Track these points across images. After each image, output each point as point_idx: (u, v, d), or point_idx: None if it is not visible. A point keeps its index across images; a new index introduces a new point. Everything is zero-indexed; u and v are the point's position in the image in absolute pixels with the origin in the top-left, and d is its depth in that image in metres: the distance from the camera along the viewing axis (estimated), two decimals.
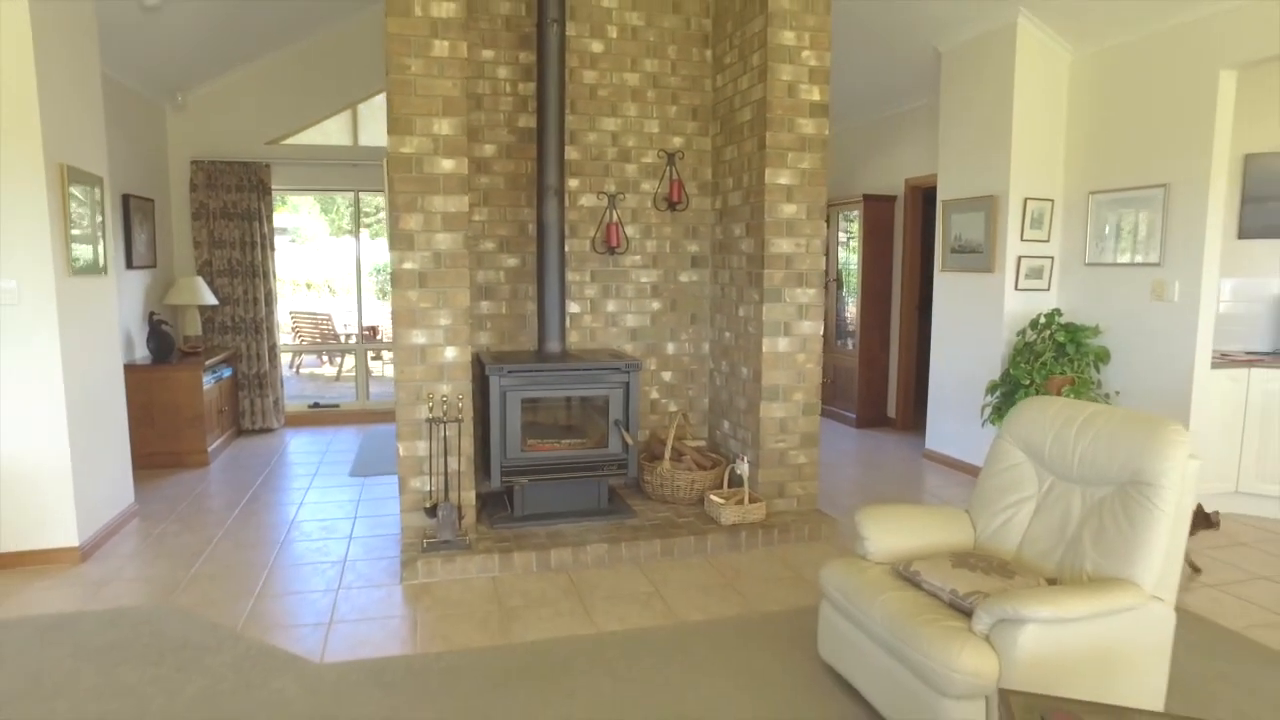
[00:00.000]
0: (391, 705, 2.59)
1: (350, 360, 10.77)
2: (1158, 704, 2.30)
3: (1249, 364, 4.56)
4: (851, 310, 7.23)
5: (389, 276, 3.94)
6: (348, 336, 11.28)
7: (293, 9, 6.06)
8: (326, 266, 16.23)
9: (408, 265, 3.71)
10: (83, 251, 3.99)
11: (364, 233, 14.81)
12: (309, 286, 16.91)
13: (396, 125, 3.67)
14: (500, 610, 3.34)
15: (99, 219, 4.20)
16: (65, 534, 3.81)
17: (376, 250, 13.19)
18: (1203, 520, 3.83)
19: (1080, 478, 2.56)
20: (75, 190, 3.90)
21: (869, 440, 6.69)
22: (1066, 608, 2.11)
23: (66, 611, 3.29)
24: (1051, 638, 2.11)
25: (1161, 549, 2.26)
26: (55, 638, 3.03)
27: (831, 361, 7.51)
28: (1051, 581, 2.42)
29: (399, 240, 3.71)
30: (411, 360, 3.78)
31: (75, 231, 3.90)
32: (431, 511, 3.78)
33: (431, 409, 3.80)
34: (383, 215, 12.02)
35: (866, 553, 2.74)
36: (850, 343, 7.25)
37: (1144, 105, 4.65)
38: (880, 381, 7.20)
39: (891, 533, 2.74)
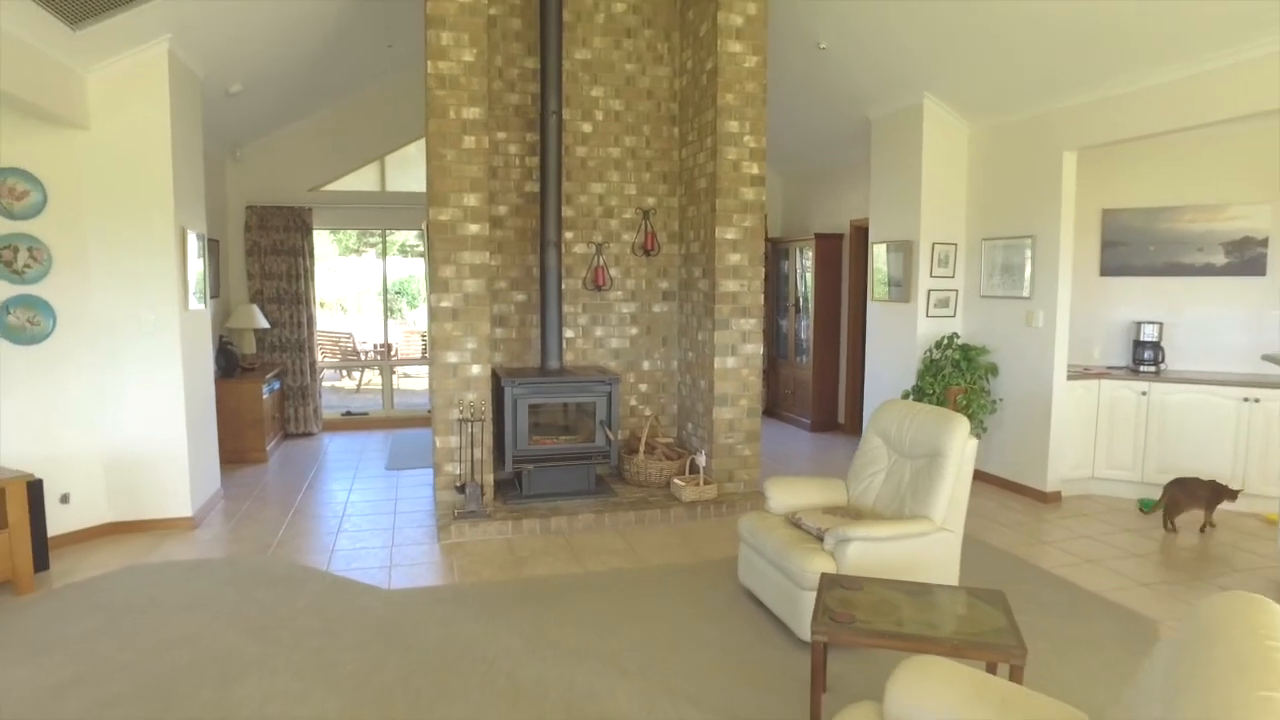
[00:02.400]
0: (443, 612, 3.80)
1: (369, 374, 12.01)
2: None
3: (1100, 376, 5.80)
4: (807, 331, 8.46)
5: (426, 309, 5.15)
6: (366, 353, 12.52)
7: (332, 82, 7.33)
8: (338, 286, 17.41)
9: (444, 304, 4.95)
10: (195, 291, 5.21)
11: (370, 252, 16.02)
12: (322, 305, 18.10)
13: (436, 198, 4.91)
14: (513, 558, 4.56)
15: (200, 266, 5.43)
16: (182, 506, 5.02)
17: (389, 272, 14.38)
18: (1226, 493, 4.86)
19: (909, 454, 3.79)
20: (189, 244, 5.14)
21: (820, 441, 7.92)
22: (877, 531, 3.33)
23: (198, 558, 4.50)
24: (870, 550, 3.32)
25: (946, 497, 3.48)
26: (198, 573, 4.25)
27: (791, 375, 8.75)
28: None
29: (437, 284, 4.95)
30: (446, 375, 5.01)
31: (189, 276, 5.13)
32: (461, 489, 5.00)
33: (461, 411, 5.02)
34: (389, 237, 13.21)
35: (770, 508, 3.96)
36: (806, 359, 8.48)
37: (1018, 171, 5.90)
38: (831, 392, 8.43)
39: (788, 494, 3.96)
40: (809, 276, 8.37)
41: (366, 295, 17.56)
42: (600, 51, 5.86)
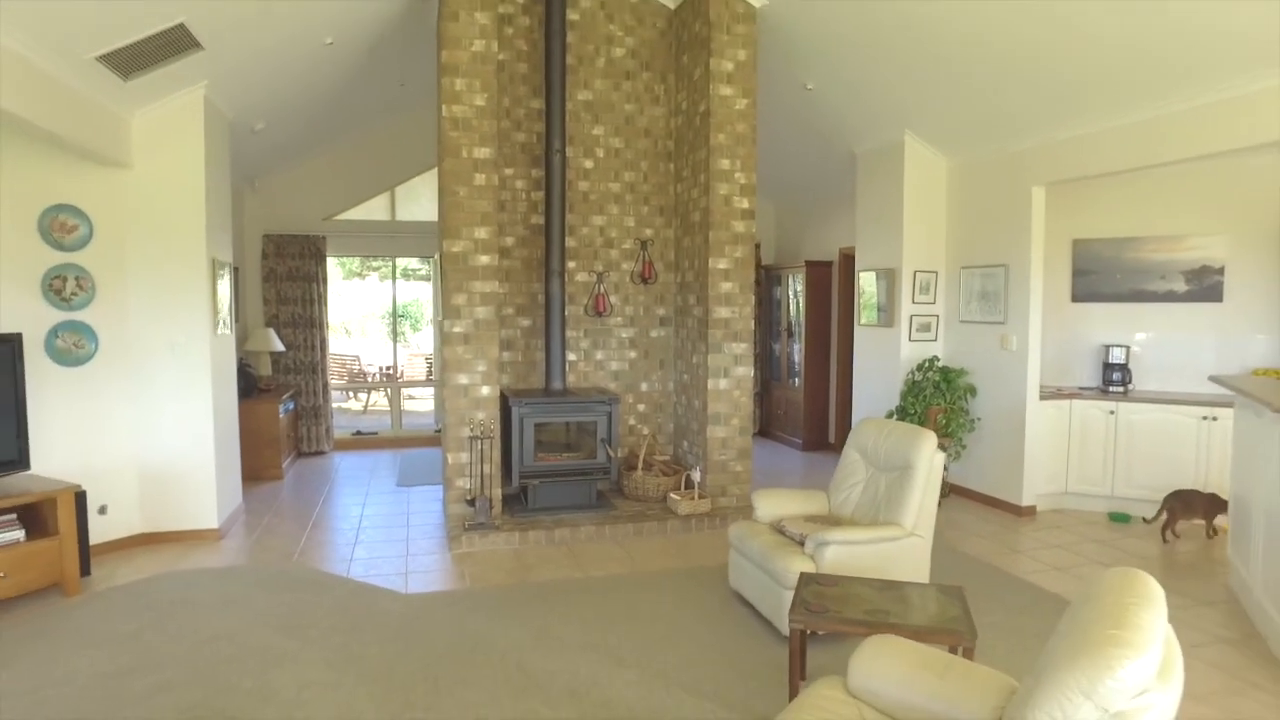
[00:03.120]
0: (457, 613, 4.13)
1: (375, 395, 12.38)
2: None
3: (1071, 396, 6.17)
4: (799, 354, 8.84)
5: (436, 333, 5.50)
6: (372, 375, 12.89)
7: (346, 117, 7.76)
8: (342, 310, 17.80)
9: (456, 329, 5.32)
10: (220, 317, 5.59)
11: (372, 275, 16.44)
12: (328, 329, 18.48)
13: (449, 231, 5.30)
14: (521, 566, 4.90)
15: (227, 293, 5.81)
16: (209, 518, 5.37)
17: (388, 296, 14.84)
18: (1222, 504, 5.12)
19: (884, 467, 4.15)
20: (219, 273, 5.52)
21: (811, 459, 8.27)
22: (852, 535, 3.68)
23: (227, 565, 4.84)
24: (847, 553, 3.67)
25: (916, 505, 3.83)
26: (228, 578, 4.59)
27: (783, 396, 9.12)
28: None
29: (450, 311, 5.33)
30: (458, 395, 5.37)
31: (217, 303, 5.50)
32: (471, 502, 5.34)
33: (471, 430, 5.38)
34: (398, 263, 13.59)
35: (757, 517, 4.31)
36: (798, 381, 8.85)
37: (992, 204, 6.30)
38: (822, 412, 8.79)
39: (774, 505, 4.31)
40: (800, 302, 8.76)
41: (370, 319, 17.97)
42: (601, 93, 6.28)
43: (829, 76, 6.35)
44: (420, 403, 12.17)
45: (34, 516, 4.23)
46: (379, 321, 18.14)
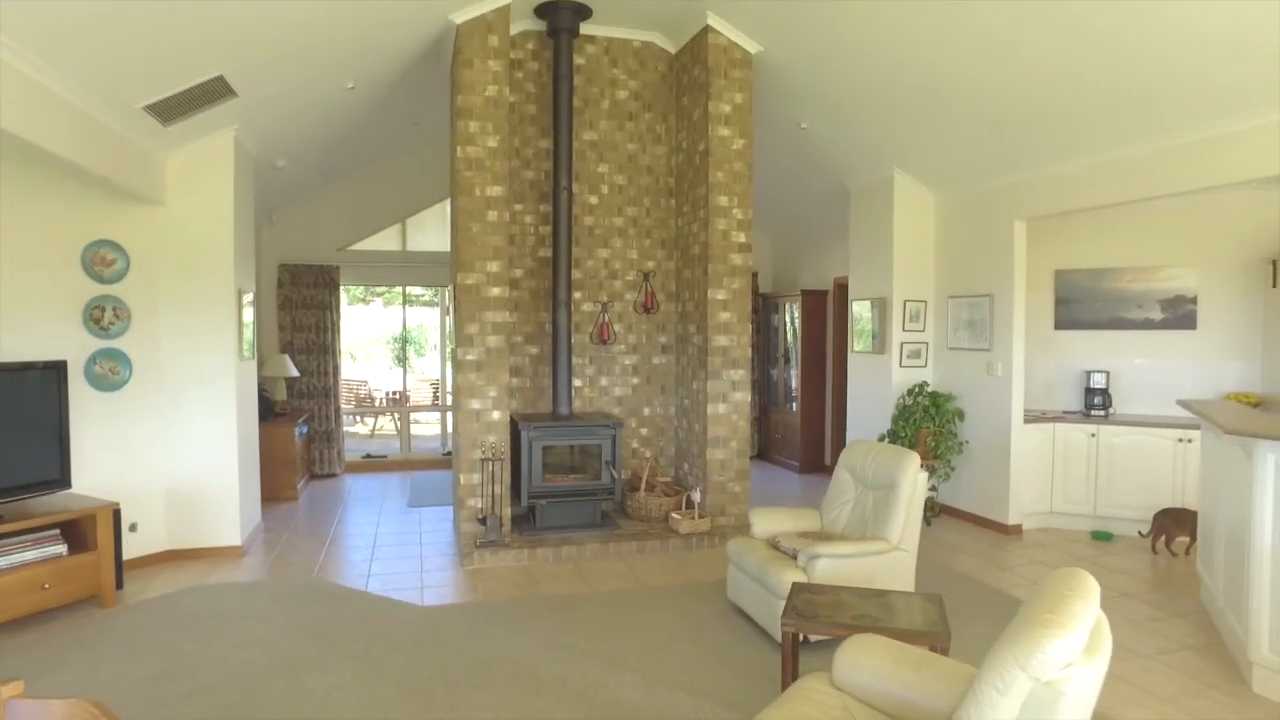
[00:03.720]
0: (471, 623, 4.39)
1: (382, 420, 12.65)
2: None
3: (1055, 420, 6.45)
4: (796, 380, 9.14)
5: (446, 359, 5.79)
6: (379, 400, 13.18)
7: (360, 153, 8.13)
8: (347, 335, 18.10)
9: (469, 357, 5.63)
10: (244, 343, 5.89)
11: (376, 301, 16.79)
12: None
13: (463, 265, 5.62)
14: (529, 580, 5.16)
15: (251, 322, 6.12)
16: (231, 536, 5.63)
17: (391, 321, 15.28)
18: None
19: (872, 485, 4.43)
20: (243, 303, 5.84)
21: (807, 481, 8.53)
22: (841, 549, 3.96)
23: (251, 580, 5.10)
24: (836, 565, 3.94)
25: (901, 521, 4.11)
26: (253, 592, 4.85)
27: (781, 420, 9.40)
28: None
29: (463, 340, 5.63)
30: (470, 419, 5.66)
31: (242, 331, 5.81)
32: (482, 521, 5.61)
33: (483, 452, 5.66)
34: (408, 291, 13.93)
35: (753, 533, 4.58)
36: (795, 406, 9.13)
37: (978, 237, 6.63)
38: (818, 435, 9.07)
39: (769, 522, 4.59)
40: (797, 329, 9.07)
41: (375, 345, 18.28)
42: (606, 133, 6.64)
43: (822, 117, 6.71)
44: (426, 427, 12.44)
45: (74, 532, 4.50)
46: (383, 346, 18.47)
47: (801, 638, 3.79)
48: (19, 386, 4.46)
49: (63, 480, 4.59)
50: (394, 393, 13.26)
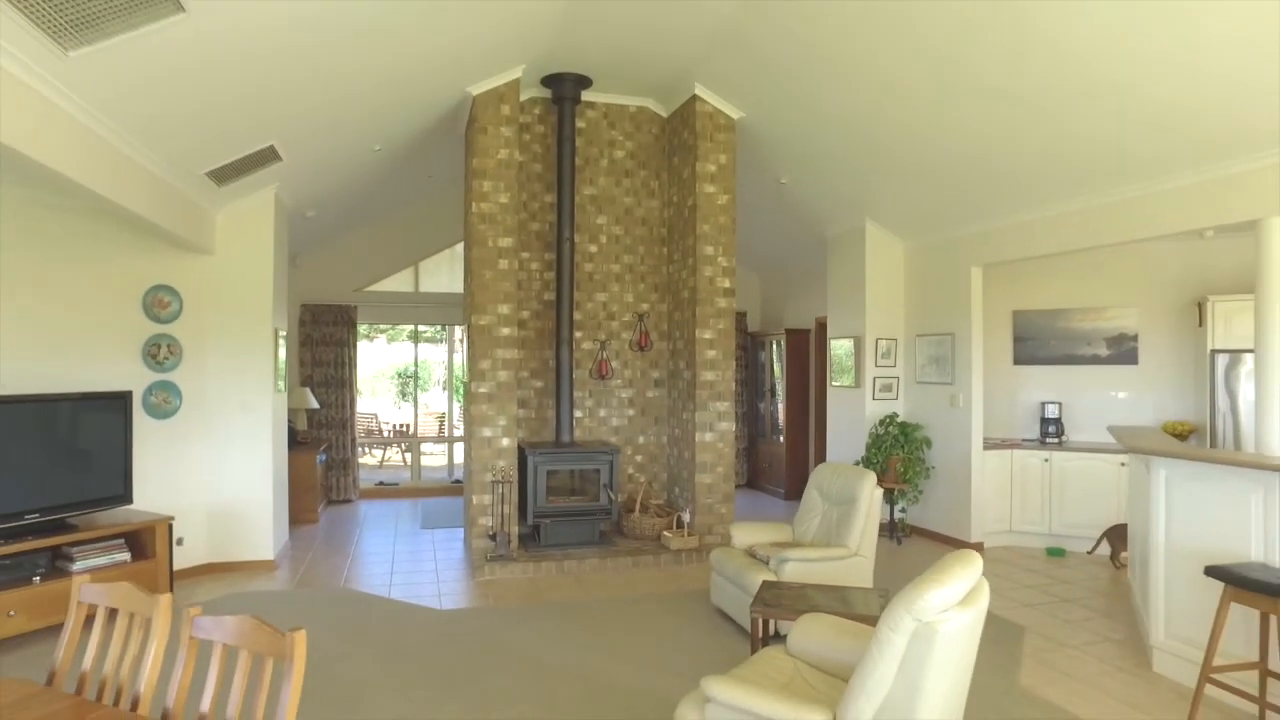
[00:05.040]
0: (484, 622, 4.99)
1: (390, 451, 13.24)
2: None
3: (1012, 447, 7.09)
4: (781, 413, 9.78)
5: (458, 392, 6.43)
6: (387, 432, 13.79)
7: (378, 204, 8.86)
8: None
9: (482, 389, 6.28)
10: (279, 377, 6.55)
11: (380, 338, 17.48)
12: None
13: (476, 308, 6.30)
14: (535, 589, 5.75)
15: (284, 358, 6.78)
16: (265, 551, 6.23)
17: (397, 357, 15.96)
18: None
19: (836, 501, 5.06)
20: (278, 341, 6.51)
21: (791, 506, 9.11)
22: (807, 554, 4.58)
23: (285, 589, 5.69)
24: (802, 568, 4.55)
25: (860, 531, 4.73)
26: (288, 598, 5.44)
27: (768, 451, 10.02)
28: None
29: (476, 375, 6.29)
30: (482, 446, 6.29)
31: (278, 366, 6.47)
32: (493, 537, 6.22)
33: (493, 475, 6.29)
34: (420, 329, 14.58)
35: (733, 544, 5.19)
36: (780, 437, 9.76)
37: (940, 281, 7.33)
38: (803, 464, 9.68)
39: (747, 535, 5.20)
40: (782, 365, 9.74)
41: (380, 380, 18.92)
42: (604, 188, 7.37)
43: (800, 174, 7.45)
44: (432, 458, 13.04)
45: (135, 542, 5.11)
46: (388, 381, 19.13)
47: (773, 631, 4.40)
48: (89, 413, 5.10)
49: (125, 496, 5.21)
50: (401, 425, 13.94)
